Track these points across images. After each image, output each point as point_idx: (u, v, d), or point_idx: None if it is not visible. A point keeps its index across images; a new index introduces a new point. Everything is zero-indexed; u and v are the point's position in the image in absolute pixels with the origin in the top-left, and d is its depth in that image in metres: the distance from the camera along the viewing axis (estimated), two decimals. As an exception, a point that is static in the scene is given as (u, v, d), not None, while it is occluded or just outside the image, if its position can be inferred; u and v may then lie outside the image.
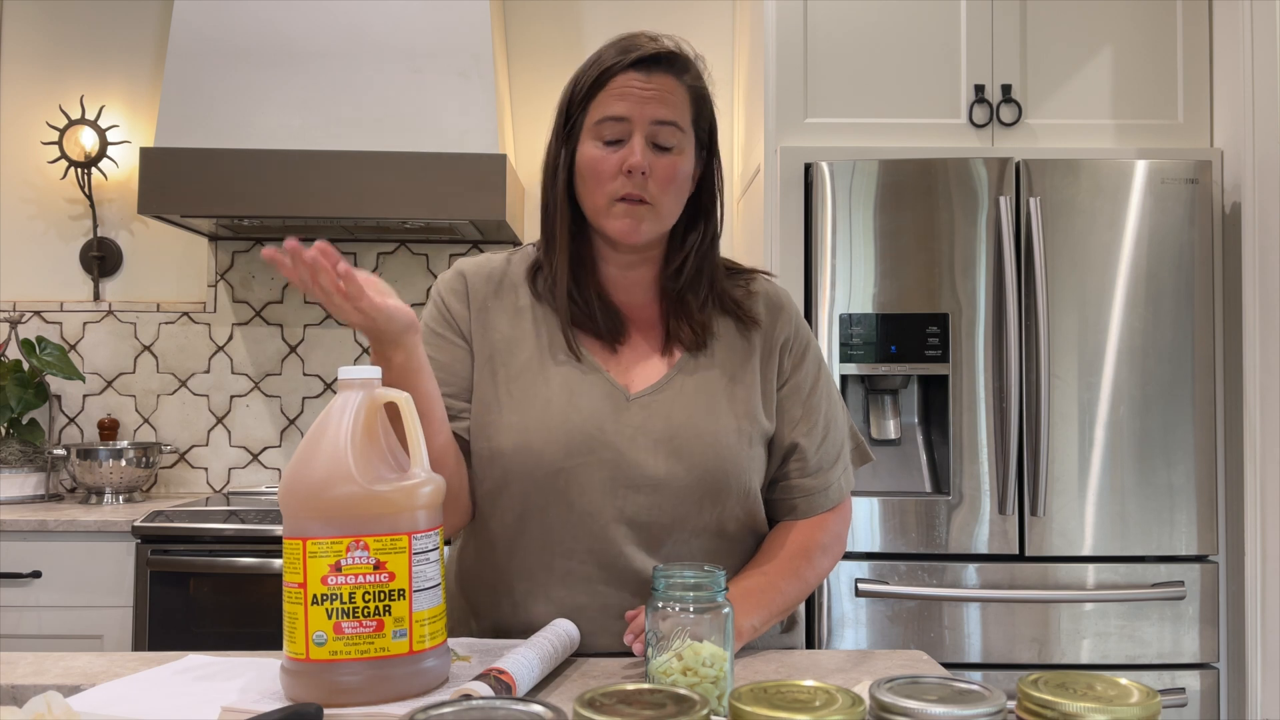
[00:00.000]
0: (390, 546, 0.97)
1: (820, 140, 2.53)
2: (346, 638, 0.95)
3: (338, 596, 0.95)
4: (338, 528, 0.96)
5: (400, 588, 0.97)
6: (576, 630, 1.18)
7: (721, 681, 0.95)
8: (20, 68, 3.18)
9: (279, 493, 1.00)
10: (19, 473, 2.88)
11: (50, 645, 2.45)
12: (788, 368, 1.33)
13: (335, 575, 0.96)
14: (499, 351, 1.28)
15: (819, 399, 1.33)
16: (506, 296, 1.31)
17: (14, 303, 3.13)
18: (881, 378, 2.43)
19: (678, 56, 1.26)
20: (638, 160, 1.20)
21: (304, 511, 0.97)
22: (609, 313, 1.29)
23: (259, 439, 3.15)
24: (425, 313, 1.33)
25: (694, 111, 1.27)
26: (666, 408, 1.25)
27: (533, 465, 1.22)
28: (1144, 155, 2.52)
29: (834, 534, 1.34)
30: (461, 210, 2.67)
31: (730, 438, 1.25)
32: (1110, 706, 0.63)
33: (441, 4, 2.81)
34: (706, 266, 1.30)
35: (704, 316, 1.29)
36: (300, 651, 0.96)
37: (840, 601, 2.35)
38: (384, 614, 0.97)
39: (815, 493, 1.32)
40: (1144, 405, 2.39)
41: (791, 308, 1.36)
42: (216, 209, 2.69)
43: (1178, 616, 2.37)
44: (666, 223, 1.27)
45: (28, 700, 0.87)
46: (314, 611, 0.95)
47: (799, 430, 1.31)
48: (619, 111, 1.21)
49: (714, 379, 1.28)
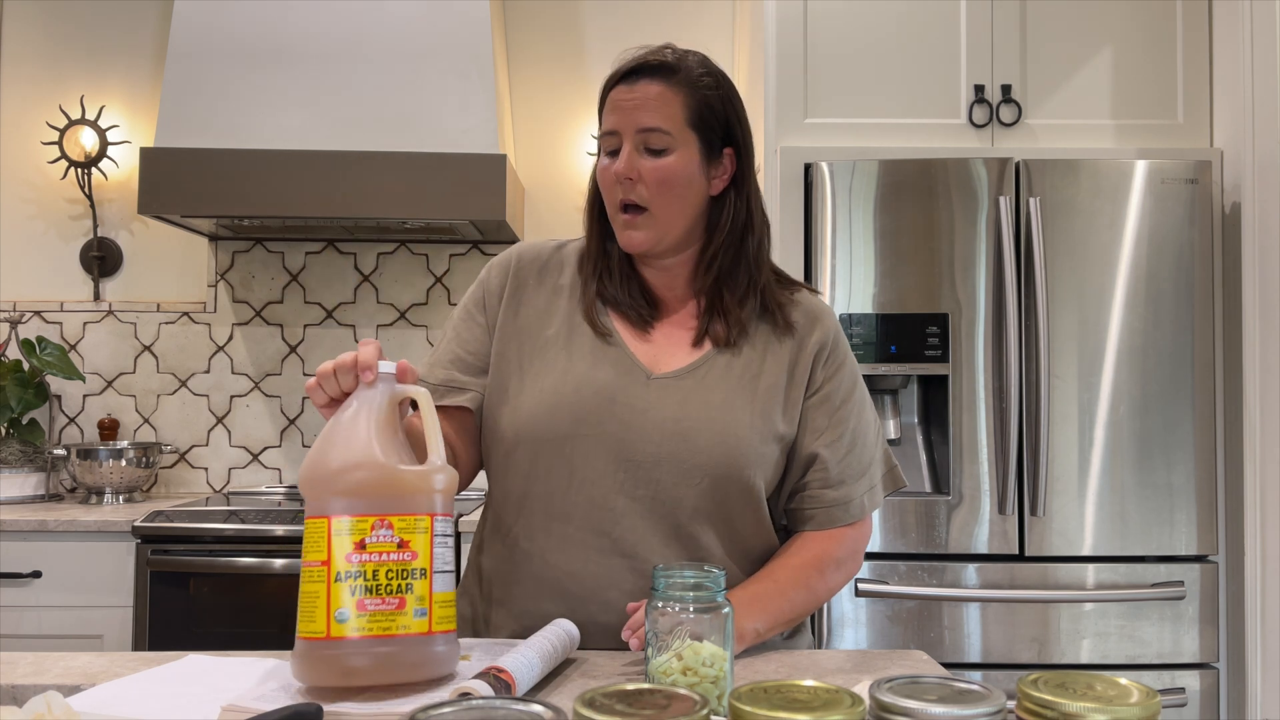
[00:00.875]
0: (413, 526, 0.99)
1: (820, 140, 2.53)
2: (369, 614, 0.96)
3: (361, 574, 0.97)
4: (363, 507, 0.98)
5: (422, 567, 0.99)
6: (576, 630, 1.18)
7: (721, 681, 0.95)
8: (20, 68, 3.18)
9: (300, 476, 1.02)
10: (19, 473, 2.88)
11: (50, 645, 2.45)
12: (819, 378, 1.33)
13: (359, 553, 0.97)
14: (528, 327, 1.33)
15: (848, 413, 1.33)
16: (550, 277, 1.37)
17: (14, 303, 3.13)
18: (881, 378, 2.43)
19: (662, 63, 1.27)
20: (620, 167, 1.26)
21: (328, 491, 0.99)
22: (643, 296, 1.33)
23: (259, 439, 3.15)
24: (470, 288, 1.41)
25: (692, 112, 1.27)
26: (684, 393, 1.27)
27: (542, 430, 1.26)
28: (1144, 155, 2.52)
29: (850, 550, 1.34)
30: (461, 210, 2.68)
31: (742, 430, 1.26)
32: (1110, 706, 0.63)
33: (441, 4, 2.81)
34: (744, 260, 1.31)
35: (741, 313, 1.31)
36: (320, 630, 0.96)
37: (840, 601, 2.35)
38: (406, 592, 0.98)
39: (834, 505, 1.32)
40: (1144, 405, 2.39)
41: (831, 321, 1.36)
42: (216, 209, 2.69)
43: (1177, 616, 2.37)
44: (669, 226, 1.28)
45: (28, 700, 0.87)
46: (336, 589, 0.96)
47: (822, 440, 1.31)
48: (610, 125, 1.28)
49: (737, 375, 1.29)
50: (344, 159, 2.66)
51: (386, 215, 2.69)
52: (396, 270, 3.17)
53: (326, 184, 2.66)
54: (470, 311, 1.37)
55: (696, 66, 1.28)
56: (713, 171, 1.30)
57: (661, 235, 1.28)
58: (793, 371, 1.32)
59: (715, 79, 1.29)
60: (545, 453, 1.26)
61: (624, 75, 1.27)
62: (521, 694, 1.00)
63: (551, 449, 1.25)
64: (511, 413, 1.29)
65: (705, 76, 1.28)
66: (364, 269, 3.17)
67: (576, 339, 1.31)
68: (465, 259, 3.18)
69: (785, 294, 1.36)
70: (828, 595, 1.32)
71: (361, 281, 3.18)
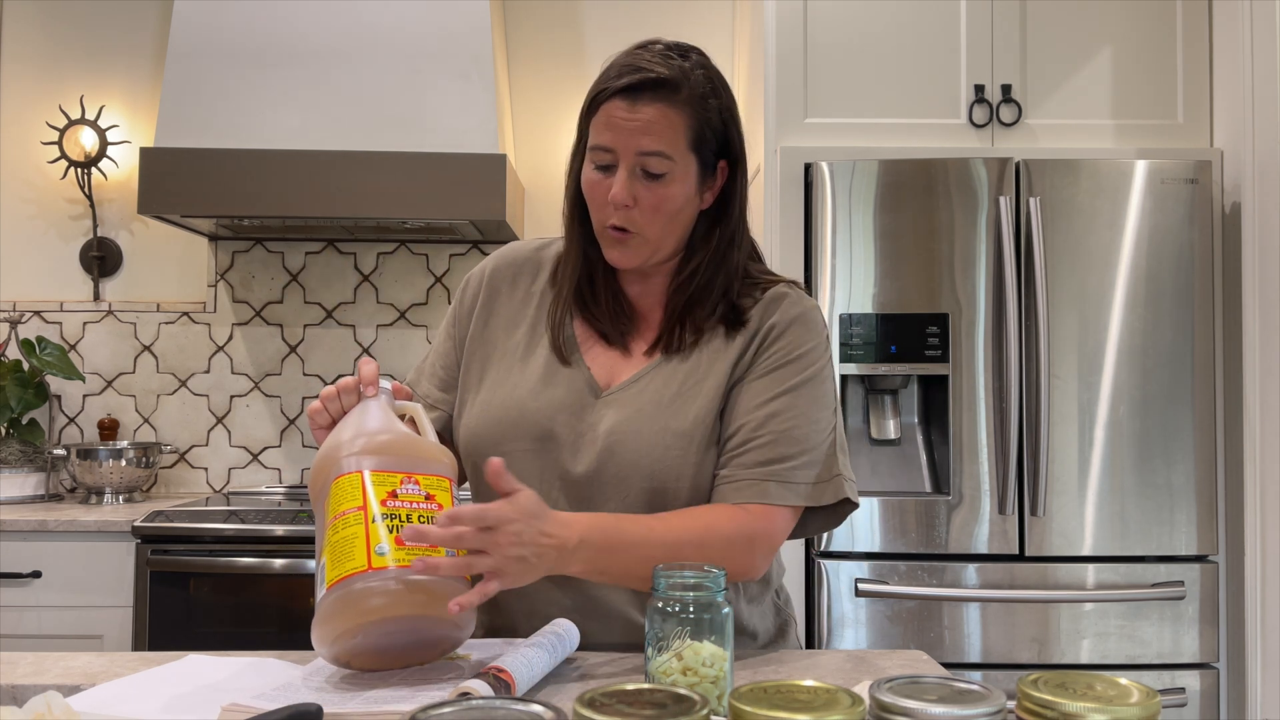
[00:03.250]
0: (437, 485, 1.08)
1: (820, 140, 2.53)
2: (407, 548, 1.01)
3: (397, 515, 1.03)
4: (391, 464, 1.06)
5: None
6: (576, 630, 1.18)
7: (721, 681, 0.95)
8: (20, 68, 3.18)
9: (317, 462, 1.09)
10: (19, 473, 2.87)
11: (50, 645, 2.45)
12: (752, 360, 1.25)
13: (393, 500, 1.04)
14: (494, 336, 1.32)
15: (785, 402, 1.23)
16: (523, 281, 1.35)
17: (14, 303, 3.13)
18: (881, 378, 2.43)
19: (668, 79, 1.19)
20: (617, 193, 1.20)
21: (360, 450, 1.06)
22: (618, 309, 1.29)
23: (259, 439, 3.15)
24: (448, 313, 1.41)
25: (694, 133, 1.21)
26: (620, 405, 1.24)
27: (483, 444, 1.26)
28: (1144, 155, 2.52)
29: (739, 529, 1.18)
30: (461, 210, 2.67)
31: (670, 439, 1.21)
32: (1110, 706, 0.63)
33: (441, 4, 2.81)
34: (719, 278, 1.27)
35: (707, 324, 1.26)
36: (361, 564, 1.01)
37: (840, 601, 2.35)
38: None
39: (730, 482, 1.21)
40: (1144, 405, 2.39)
41: (790, 310, 1.27)
42: (216, 209, 2.69)
43: (1177, 616, 2.37)
44: (660, 247, 1.25)
45: (28, 700, 0.87)
46: (374, 528, 1.02)
47: (739, 414, 1.23)
48: (605, 142, 1.21)
49: (680, 381, 1.24)
50: (344, 159, 2.66)
51: (386, 215, 2.69)
52: (396, 270, 3.17)
53: (326, 184, 2.66)
54: (447, 327, 1.38)
55: (700, 82, 1.21)
56: (705, 186, 1.26)
57: (652, 254, 1.25)
58: (736, 366, 1.25)
59: (716, 91, 1.23)
60: (480, 470, 1.25)
61: (624, 90, 1.19)
62: (521, 694, 1.00)
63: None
64: (464, 425, 1.29)
65: (709, 94, 1.22)
66: (364, 269, 3.17)
67: (534, 353, 1.29)
68: (465, 259, 3.18)
69: (754, 293, 1.29)
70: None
71: (361, 281, 3.18)
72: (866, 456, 2.46)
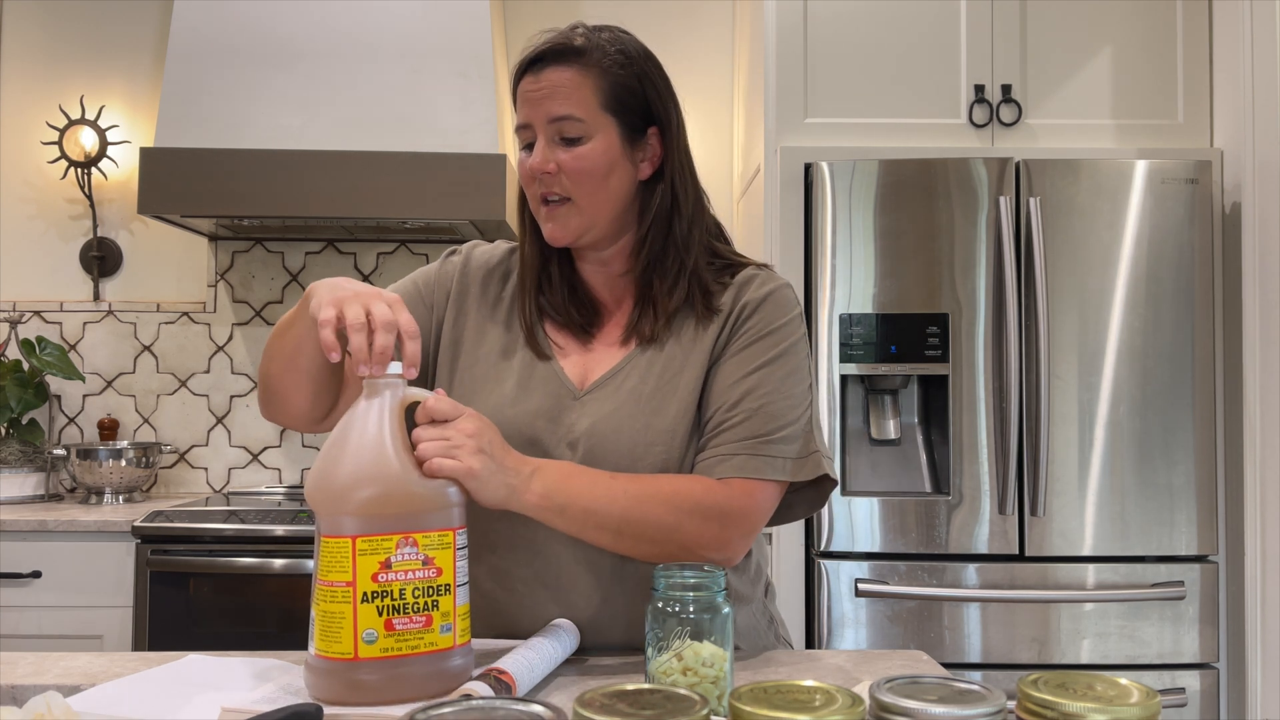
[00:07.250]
0: (438, 543, 0.99)
1: (820, 140, 2.53)
2: (398, 634, 0.96)
3: (389, 593, 0.96)
4: (385, 525, 0.97)
5: (447, 583, 0.99)
6: (576, 630, 1.18)
7: (721, 681, 0.95)
8: (20, 68, 3.18)
9: (309, 489, 1.00)
10: (19, 473, 2.87)
11: (50, 645, 2.45)
12: (725, 343, 1.23)
13: (386, 572, 0.96)
14: (465, 339, 1.30)
15: (755, 380, 1.21)
16: (493, 286, 1.33)
17: (14, 303, 3.13)
18: (881, 378, 2.43)
19: (568, 46, 1.20)
20: (535, 162, 1.21)
21: (344, 508, 0.97)
22: (579, 303, 1.28)
23: (259, 439, 3.15)
24: (420, 270, 1.37)
25: (606, 94, 1.20)
26: (598, 404, 1.22)
27: None
28: (1144, 155, 2.52)
29: (713, 503, 1.16)
30: (461, 210, 2.67)
31: (652, 435, 1.20)
32: (1110, 706, 0.63)
33: (441, 4, 2.81)
34: (672, 244, 1.24)
35: (670, 303, 1.24)
36: (347, 651, 0.95)
37: (840, 601, 2.35)
38: (433, 609, 0.98)
39: (701, 461, 1.20)
40: (1144, 405, 2.39)
41: (759, 290, 1.25)
42: (216, 209, 2.69)
43: (1178, 616, 2.37)
44: (595, 216, 1.23)
45: (28, 700, 0.87)
46: (364, 610, 0.95)
47: (714, 399, 1.22)
48: (522, 118, 1.23)
49: (657, 374, 1.23)
50: (344, 159, 2.66)
51: (386, 215, 2.69)
52: (396, 270, 3.17)
53: (326, 184, 2.66)
54: (419, 284, 1.33)
55: (608, 45, 1.21)
56: (639, 155, 1.24)
57: (588, 225, 1.23)
58: (712, 352, 1.24)
59: (628, 56, 1.22)
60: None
61: (529, 64, 1.21)
62: (521, 694, 1.00)
63: None
64: None
65: (618, 55, 1.21)
66: (364, 269, 3.17)
67: (508, 361, 1.27)
68: (465, 259, 3.18)
69: (724, 278, 1.28)
70: (664, 539, 1.14)
71: (361, 281, 3.17)
72: (866, 456, 2.46)
